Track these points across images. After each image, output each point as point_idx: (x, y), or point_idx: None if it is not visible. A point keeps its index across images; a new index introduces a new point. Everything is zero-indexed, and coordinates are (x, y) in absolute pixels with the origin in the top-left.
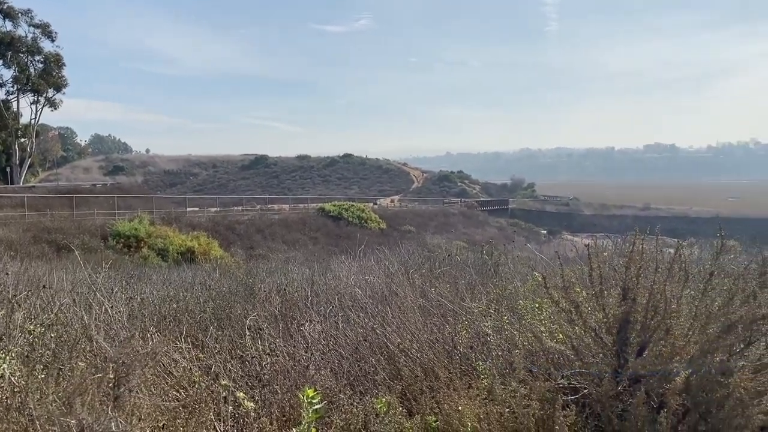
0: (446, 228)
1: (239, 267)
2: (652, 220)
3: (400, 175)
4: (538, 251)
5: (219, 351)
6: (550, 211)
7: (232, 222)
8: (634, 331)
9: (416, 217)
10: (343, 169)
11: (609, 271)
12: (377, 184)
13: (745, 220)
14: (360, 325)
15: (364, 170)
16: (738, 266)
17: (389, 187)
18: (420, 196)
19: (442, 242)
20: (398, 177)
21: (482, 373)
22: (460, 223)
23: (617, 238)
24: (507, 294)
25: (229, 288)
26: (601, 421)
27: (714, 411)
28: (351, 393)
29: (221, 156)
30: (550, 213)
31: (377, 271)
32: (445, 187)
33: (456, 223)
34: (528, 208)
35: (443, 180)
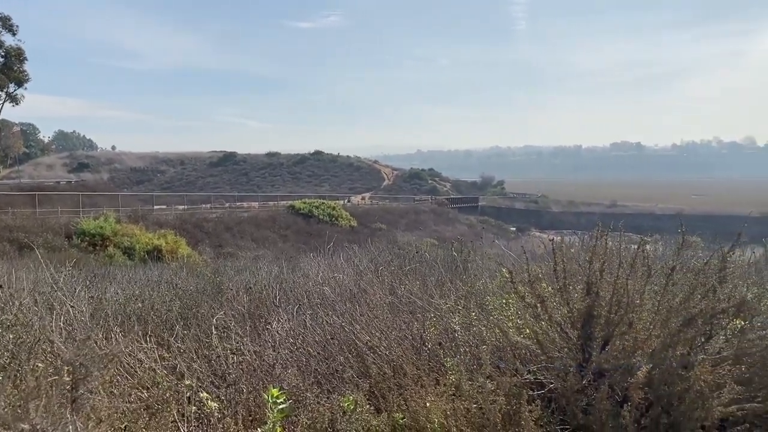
0: (417, 225)
1: (207, 265)
2: (618, 217)
3: (371, 173)
4: (507, 248)
5: (185, 350)
6: (519, 208)
7: (200, 220)
8: (598, 325)
9: (387, 214)
10: (313, 167)
11: (574, 267)
12: (348, 182)
13: (709, 217)
14: (328, 323)
15: (335, 168)
16: (699, 262)
17: (360, 185)
18: (391, 193)
19: (412, 240)
20: (369, 175)
21: (450, 370)
22: (431, 221)
23: (584, 235)
24: (475, 290)
25: (196, 287)
26: (566, 415)
27: (675, 404)
28: (318, 391)
29: (189, 153)
30: (519, 210)
31: (346, 268)
32: (416, 185)
33: (427, 221)
34: (498, 206)
35: (414, 178)
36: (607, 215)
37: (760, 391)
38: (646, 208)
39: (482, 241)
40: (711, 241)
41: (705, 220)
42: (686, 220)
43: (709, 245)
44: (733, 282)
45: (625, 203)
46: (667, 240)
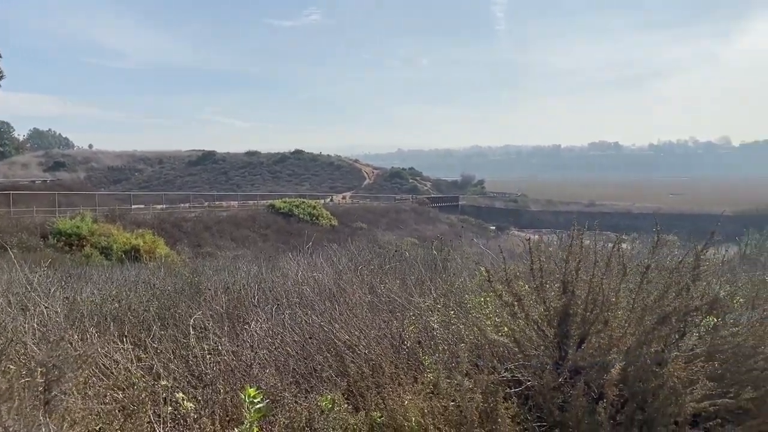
0: (398, 224)
1: (185, 265)
2: (596, 216)
3: (351, 172)
4: (487, 247)
5: (162, 351)
6: (499, 207)
7: (179, 219)
8: (574, 323)
9: (368, 213)
10: (293, 166)
11: (551, 266)
12: (329, 181)
13: (685, 216)
14: (307, 322)
15: (316, 167)
16: (674, 260)
17: (341, 184)
18: (372, 192)
19: (393, 239)
20: (350, 174)
21: (428, 368)
22: (412, 220)
23: (562, 234)
24: (454, 289)
25: (174, 287)
26: (543, 412)
27: (650, 400)
28: (296, 391)
29: (168, 152)
30: (499, 209)
31: (326, 268)
32: (397, 184)
33: (407, 220)
34: (478, 205)
35: (395, 177)
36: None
37: (732, 386)
38: (624, 207)
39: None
40: (687, 239)
41: (681, 219)
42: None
43: (685, 244)
44: (706, 280)
45: (603, 202)
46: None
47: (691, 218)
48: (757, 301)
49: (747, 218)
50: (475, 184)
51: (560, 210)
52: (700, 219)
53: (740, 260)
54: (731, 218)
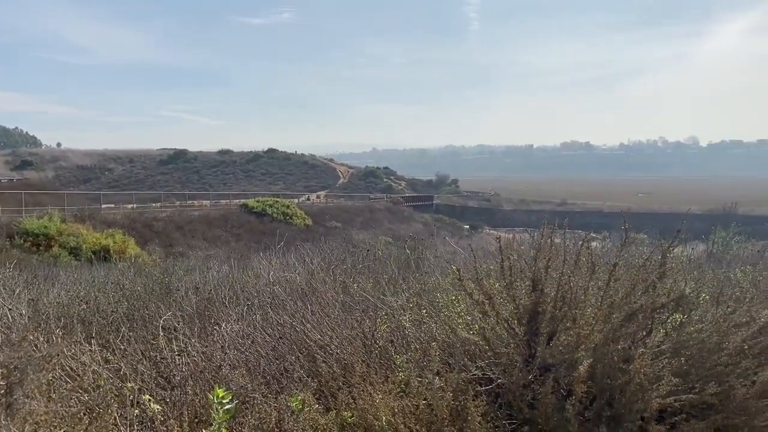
0: (372, 224)
1: (156, 265)
2: (567, 215)
3: (326, 171)
4: (460, 246)
5: (131, 352)
6: (472, 206)
7: (150, 219)
8: (544, 321)
9: (342, 212)
10: (267, 165)
11: (521, 264)
12: (303, 180)
13: (655, 214)
14: (279, 322)
15: (289, 166)
16: (642, 258)
17: (315, 183)
18: (346, 192)
19: (367, 238)
20: (324, 173)
21: (399, 367)
22: (386, 219)
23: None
24: (427, 288)
25: (144, 287)
26: (513, 409)
27: (617, 397)
28: (267, 391)
29: (139, 150)
30: (473, 208)
31: (298, 267)
32: (372, 183)
33: (382, 219)
34: (452, 204)
35: (369, 176)
36: (557, 213)
37: (697, 382)
38: (595, 206)
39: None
40: (656, 238)
41: (651, 218)
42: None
43: (654, 242)
44: (673, 277)
45: (575, 201)
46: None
47: (660, 217)
48: (721, 298)
49: (714, 217)
50: (449, 183)
51: (533, 209)
52: (669, 218)
53: (707, 258)
54: (699, 217)
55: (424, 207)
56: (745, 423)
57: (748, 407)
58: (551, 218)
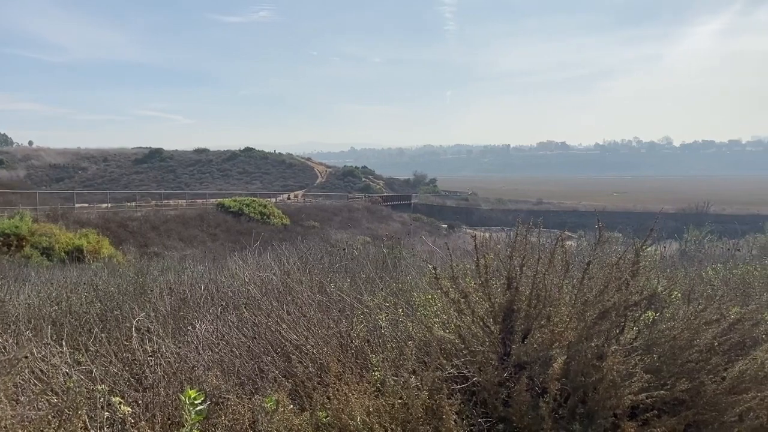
0: (350, 223)
1: (131, 265)
2: (544, 214)
3: (304, 170)
4: (439, 245)
5: (103, 354)
6: (450, 205)
7: (125, 219)
8: (518, 319)
9: (320, 212)
10: (244, 164)
11: (497, 262)
12: (280, 179)
13: (629, 213)
14: (254, 323)
15: (267, 165)
16: (614, 256)
17: (293, 182)
18: (324, 191)
19: (346, 237)
20: (302, 172)
21: (375, 366)
22: (364, 218)
23: (511, 231)
24: (404, 287)
25: (118, 288)
26: (488, 408)
27: (590, 394)
28: (241, 392)
29: (113, 149)
30: (451, 207)
31: (274, 267)
32: (350, 183)
33: (360, 218)
34: (430, 203)
35: (347, 175)
36: (534, 212)
37: (668, 379)
38: (570, 205)
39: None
40: (630, 236)
41: (625, 217)
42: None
43: (629, 240)
44: (645, 275)
45: (551, 201)
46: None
47: (634, 216)
48: (692, 296)
49: (687, 216)
50: (427, 182)
51: (510, 208)
52: (643, 217)
53: (681, 256)
54: (672, 216)
55: (403, 206)
56: (715, 418)
57: (718, 403)
58: (528, 217)
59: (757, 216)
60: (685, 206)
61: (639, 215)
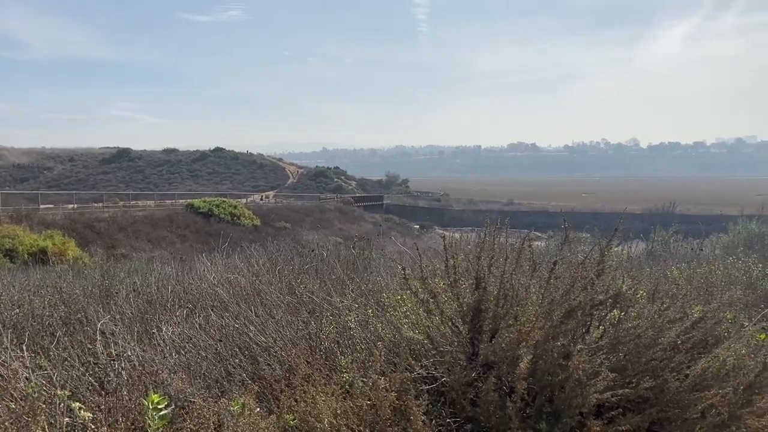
0: (322, 224)
1: (97, 267)
2: (515, 214)
3: (275, 171)
4: (411, 245)
5: (66, 358)
6: (422, 206)
7: (92, 220)
8: (486, 319)
9: (292, 213)
10: (214, 164)
11: (465, 263)
12: (251, 180)
13: (598, 214)
14: (222, 325)
15: (237, 165)
16: (581, 256)
17: (264, 183)
18: (296, 191)
19: (317, 238)
20: (273, 172)
21: (344, 368)
22: (336, 219)
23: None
24: (373, 288)
25: (83, 290)
26: (456, 408)
27: (557, 393)
28: (208, 395)
29: (79, 149)
30: (423, 208)
31: (243, 268)
32: (322, 183)
33: (332, 219)
34: (402, 204)
35: (319, 176)
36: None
37: (633, 377)
38: (540, 206)
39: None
40: (598, 236)
41: (594, 217)
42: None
43: (597, 240)
44: (611, 275)
45: (521, 201)
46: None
47: (603, 216)
48: (657, 295)
49: (653, 216)
50: (399, 183)
51: (481, 209)
52: (612, 217)
53: (647, 256)
54: (639, 216)
55: (375, 207)
56: (678, 415)
57: (681, 400)
58: (499, 218)
59: (721, 216)
60: (652, 207)
61: (607, 215)
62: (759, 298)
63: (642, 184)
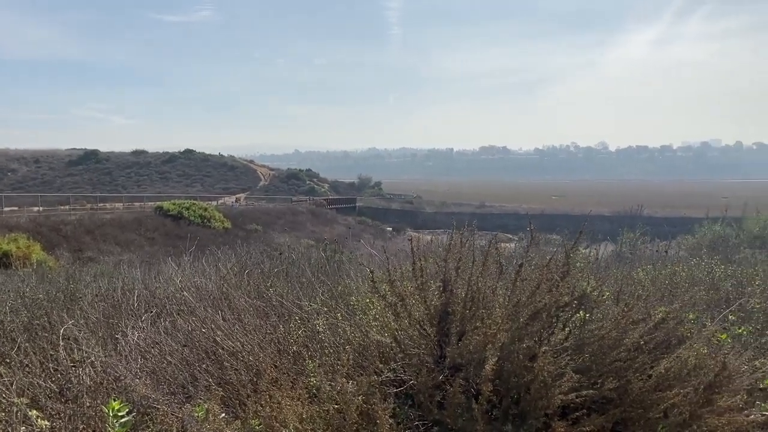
0: (294, 226)
1: (62, 271)
2: (486, 216)
3: (246, 173)
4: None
5: (27, 365)
6: (395, 208)
7: (58, 222)
8: (454, 321)
9: (263, 215)
10: (184, 166)
11: (433, 265)
12: (222, 182)
13: (567, 216)
14: (188, 329)
15: (208, 167)
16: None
17: (235, 185)
18: (268, 194)
19: (289, 241)
20: (245, 175)
21: (311, 372)
22: (309, 222)
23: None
24: (347, 291)
25: (47, 295)
26: (423, 410)
27: (523, 394)
28: (172, 401)
29: (45, 150)
30: (396, 210)
31: (211, 272)
32: (294, 185)
33: (304, 222)
34: (375, 206)
35: (292, 178)
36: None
37: (598, 378)
38: (512, 208)
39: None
40: (568, 238)
41: (564, 219)
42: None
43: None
44: (576, 276)
45: (493, 204)
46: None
47: (572, 218)
48: (621, 296)
49: (621, 218)
50: (372, 185)
51: (453, 211)
52: (581, 219)
53: (616, 257)
54: (608, 218)
55: (348, 209)
56: (641, 415)
57: (644, 400)
58: (471, 220)
59: (687, 218)
60: (621, 209)
61: (577, 218)
62: (721, 298)
63: (611, 186)
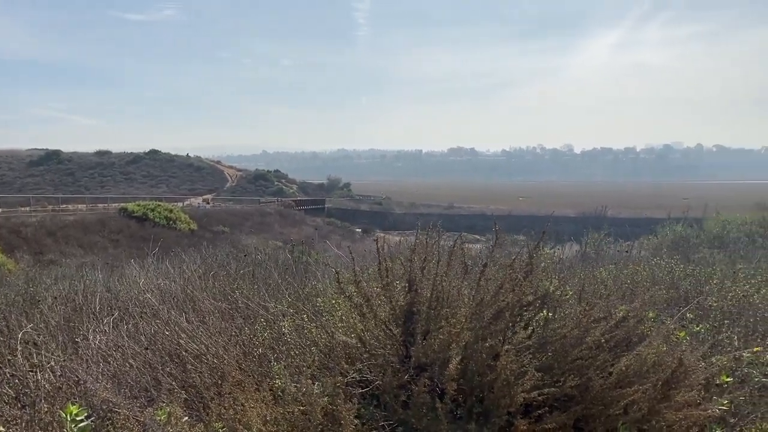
0: (262, 228)
1: (22, 274)
2: (454, 218)
3: (213, 174)
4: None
5: None
6: (364, 210)
7: (18, 224)
8: (419, 321)
9: (231, 217)
10: (149, 167)
11: (399, 266)
12: (188, 183)
13: (534, 217)
14: (151, 332)
15: (173, 168)
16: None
17: (201, 186)
18: (235, 195)
19: (257, 242)
20: (211, 175)
21: (276, 374)
22: (277, 223)
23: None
24: (313, 292)
25: (5, 298)
26: (388, 410)
27: (486, 393)
28: (134, 405)
29: (4, 150)
30: (365, 212)
31: (175, 274)
32: (262, 186)
33: (272, 223)
34: (344, 207)
35: (259, 179)
36: (445, 216)
37: (561, 376)
38: (479, 209)
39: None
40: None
41: (530, 220)
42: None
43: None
44: (539, 276)
45: (461, 205)
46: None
47: (538, 219)
48: (583, 295)
49: (587, 219)
50: (341, 186)
51: (422, 212)
52: (547, 220)
53: (580, 258)
54: (573, 219)
55: (316, 210)
56: (602, 412)
57: (605, 397)
58: (439, 221)
59: (650, 219)
60: (586, 210)
61: (542, 219)
62: (680, 297)
63: (576, 188)
